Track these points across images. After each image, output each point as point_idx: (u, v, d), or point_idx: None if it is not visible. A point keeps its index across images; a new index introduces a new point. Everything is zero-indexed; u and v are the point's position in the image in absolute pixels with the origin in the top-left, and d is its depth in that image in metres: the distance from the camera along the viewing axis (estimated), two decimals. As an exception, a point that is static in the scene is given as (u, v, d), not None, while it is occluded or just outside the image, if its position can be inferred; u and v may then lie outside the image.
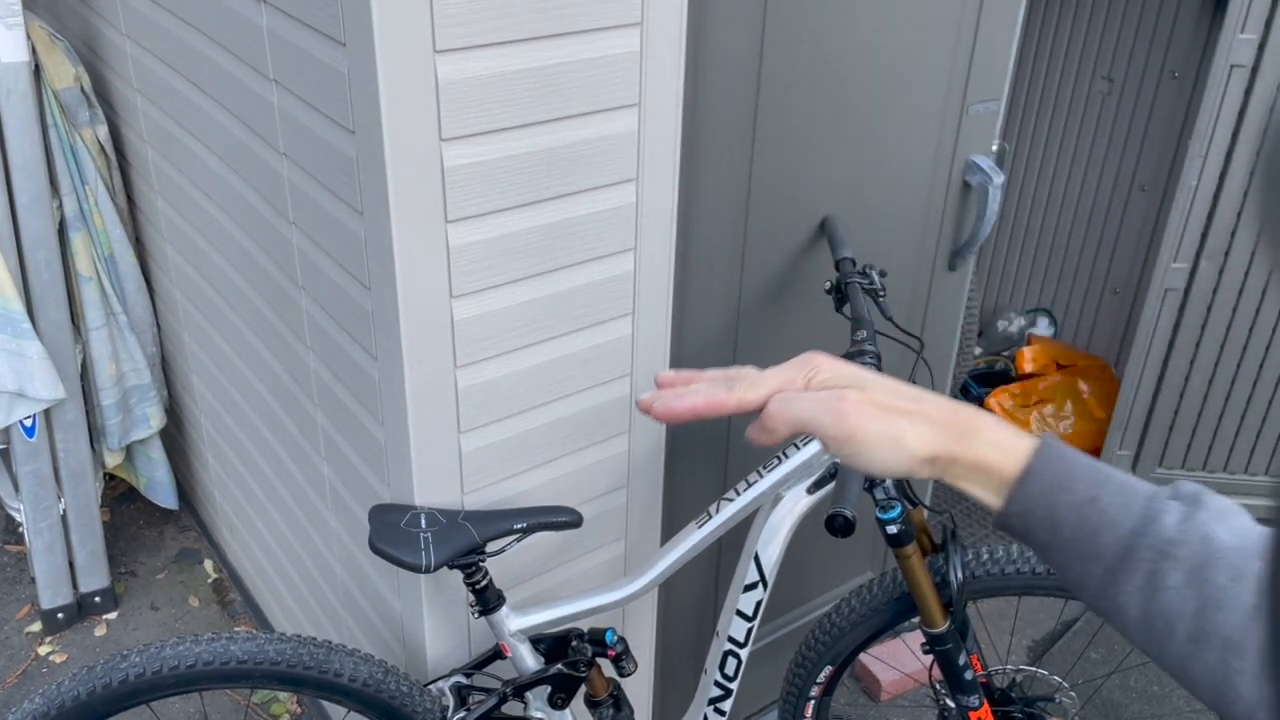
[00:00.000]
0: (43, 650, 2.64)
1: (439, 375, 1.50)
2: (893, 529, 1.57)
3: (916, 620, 1.70)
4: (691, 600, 2.17)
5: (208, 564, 2.91)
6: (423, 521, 1.52)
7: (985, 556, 1.69)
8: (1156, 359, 2.96)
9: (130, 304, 2.59)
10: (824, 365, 0.75)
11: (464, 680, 1.67)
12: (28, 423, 2.44)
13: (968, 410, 0.72)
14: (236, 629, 2.70)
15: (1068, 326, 3.72)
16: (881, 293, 1.69)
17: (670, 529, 1.96)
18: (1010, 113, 3.57)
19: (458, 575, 1.68)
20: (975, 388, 3.56)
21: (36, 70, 2.28)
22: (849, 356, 1.54)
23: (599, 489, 1.80)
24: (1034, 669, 2.57)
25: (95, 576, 2.70)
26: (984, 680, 1.77)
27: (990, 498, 0.70)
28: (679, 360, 1.84)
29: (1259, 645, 0.62)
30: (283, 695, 2.50)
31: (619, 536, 1.89)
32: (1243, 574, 0.63)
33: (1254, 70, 2.55)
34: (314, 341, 1.78)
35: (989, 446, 0.70)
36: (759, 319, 1.97)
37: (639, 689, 2.11)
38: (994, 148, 2.19)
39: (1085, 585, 0.68)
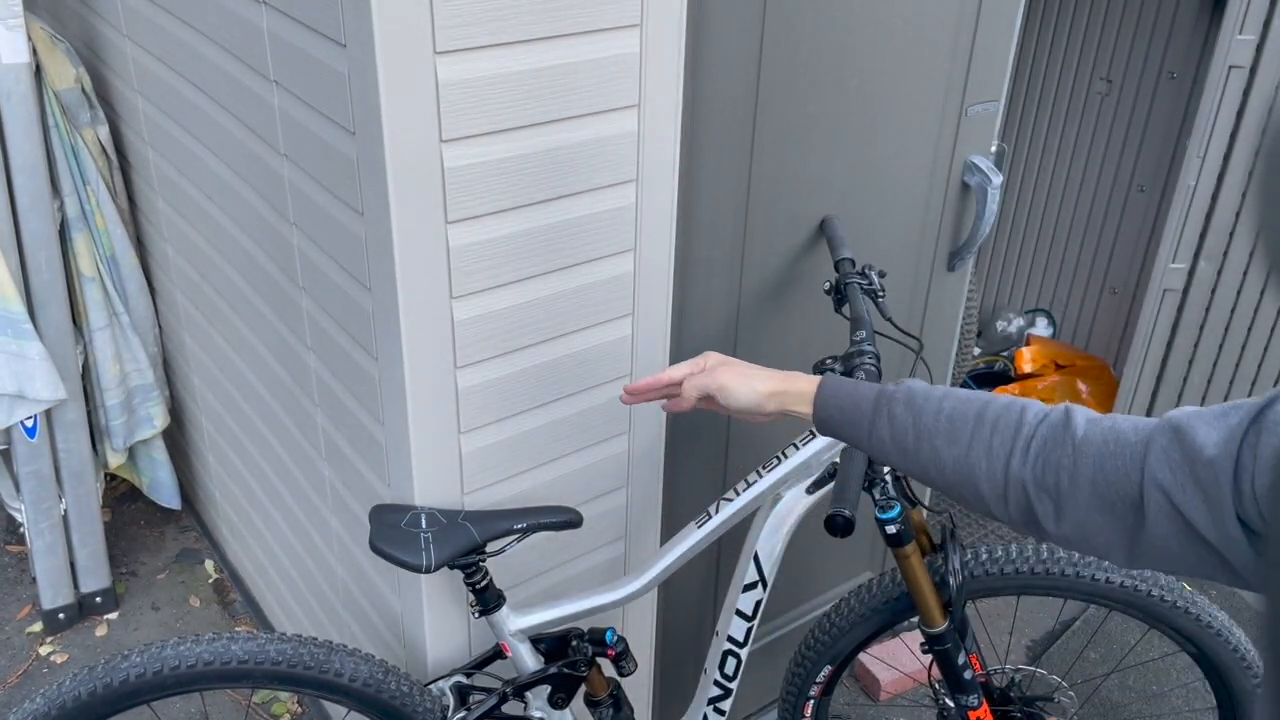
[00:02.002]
0: (43, 650, 2.64)
1: (439, 375, 1.50)
2: (892, 529, 1.57)
3: (915, 620, 1.70)
4: (691, 600, 2.17)
5: (208, 564, 2.91)
6: (423, 521, 1.52)
7: (984, 556, 1.70)
8: (1155, 359, 2.97)
9: (132, 304, 2.60)
10: (711, 356, 1.36)
11: (464, 680, 1.67)
12: (29, 423, 2.44)
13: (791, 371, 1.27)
14: (237, 629, 2.70)
15: (1066, 326, 3.73)
16: (880, 293, 1.70)
17: (670, 529, 1.97)
18: (1009, 113, 3.57)
19: (458, 575, 1.68)
20: (974, 388, 3.57)
21: (37, 71, 2.28)
22: (848, 356, 1.55)
23: (599, 489, 1.81)
24: (1033, 668, 2.58)
25: (96, 577, 2.71)
26: (983, 680, 1.78)
27: (806, 410, 1.20)
28: (678, 360, 1.85)
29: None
30: (283, 695, 2.50)
31: (619, 536, 1.89)
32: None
33: (1252, 71, 2.56)
34: (314, 342, 1.78)
35: (803, 382, 1.22)
36: (759, 319, 1.97)
37: (639, 689, 2.12)
38: (993, 148, 2.20)
39: (857, 439, 1.14)
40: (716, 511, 1.66)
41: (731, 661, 1.76)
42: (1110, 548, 0.92)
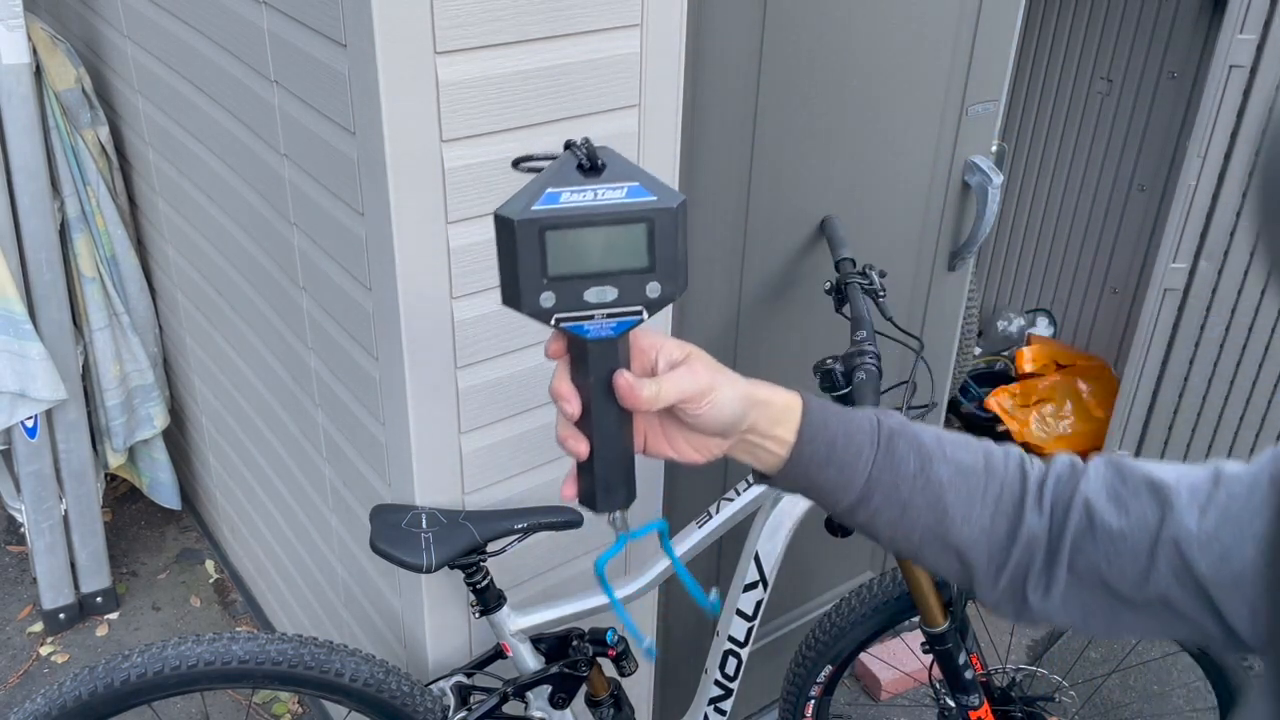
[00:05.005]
0: (44, 650, 2.64)
1: (440, 375, 1.50)
2: (892, 528, 1.57)
3: (916, 620, 1.70)
4: (692, 600, 2.17)
5: (209, 564, 2.92)
6: (423, 521, 1.52)
7: (985, 556, 1.70)
8: (1156, 359, 2.97)
9: (133, 304, 2.60)
10: (690, 347, 0.90)
11: (465, 680, 1.67)
12: (29, 423, 2.44)
13: None
14: (238, 629, 2.71)
15: (1067, 326, 3.73)
16: (881, 293, 1.70)
17: (670, 529, 1.96)
18: (1009, 113, 3.57)
19: (459, 575, 1.69)
20: (975, 388, 3.57)
21: (38, 72, 2.29)
22: (849, 356, 1.54)
23: (599, 489, 1.80)
24: (1034, 668, 2.58)
25: (97, 577, 2.71)
26: (984, 679, 1.78)
27: (785, 433, 0.87)
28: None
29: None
30: (284, 695, 2.50)
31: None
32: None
33: (1252, 71, 2.56)
34: (315, 342, 1.78)
35: (782, 394, 0.89)
36: (759, 319, 1.97)
37: (639, 689, 2.12)
38: (993, 148, 2.20)
39: (842, 484, 0.88)
40: (717, 511, 1.66)
41: (732, 661, 1.76)
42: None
